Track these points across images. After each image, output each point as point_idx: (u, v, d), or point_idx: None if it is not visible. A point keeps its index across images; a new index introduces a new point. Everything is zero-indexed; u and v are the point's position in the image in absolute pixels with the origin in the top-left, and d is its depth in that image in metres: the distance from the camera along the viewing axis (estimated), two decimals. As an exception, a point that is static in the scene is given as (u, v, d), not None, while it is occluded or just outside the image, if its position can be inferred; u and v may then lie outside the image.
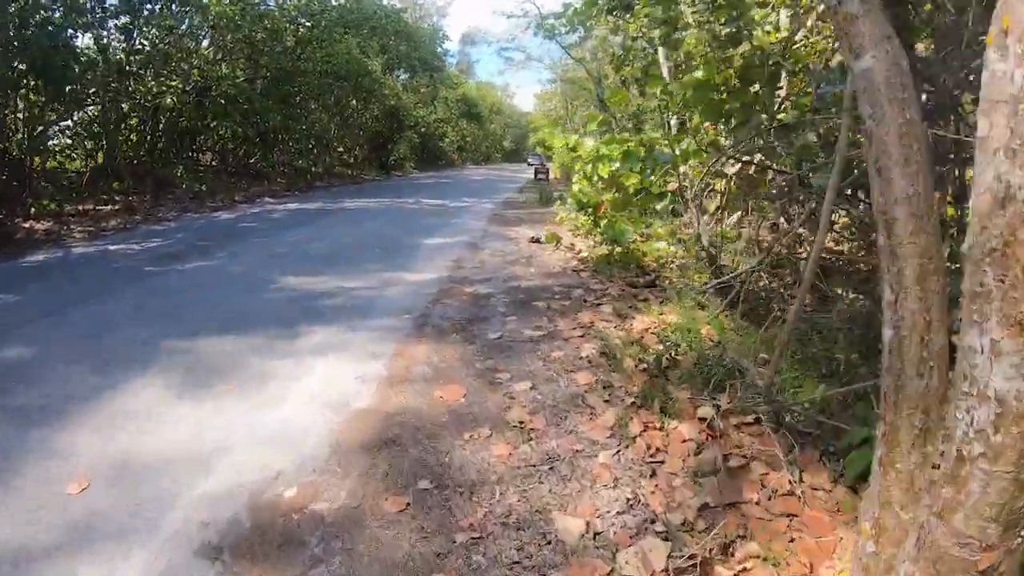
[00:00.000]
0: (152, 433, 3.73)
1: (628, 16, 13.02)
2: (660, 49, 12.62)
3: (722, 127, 7.95)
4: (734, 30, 6.41)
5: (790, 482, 3.54)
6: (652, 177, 8.72)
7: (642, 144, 8.57)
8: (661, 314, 6.32)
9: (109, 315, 6.05)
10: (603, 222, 9.14)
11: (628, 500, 3.25)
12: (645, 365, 4.85)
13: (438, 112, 42.40)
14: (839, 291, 6.80)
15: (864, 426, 3.81)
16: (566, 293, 7.35)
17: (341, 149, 30.46)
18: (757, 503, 3.34)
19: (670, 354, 4.92)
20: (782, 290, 7.64)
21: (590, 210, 9.53)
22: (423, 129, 38.16)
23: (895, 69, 2.19)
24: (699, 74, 6.45)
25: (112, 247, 9.77)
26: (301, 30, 23.06)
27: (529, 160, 58.28)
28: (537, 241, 10.61)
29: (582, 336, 5.74)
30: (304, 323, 5.86)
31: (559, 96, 33.04)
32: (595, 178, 11.49)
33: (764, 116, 5.52)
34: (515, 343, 5.49)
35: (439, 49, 36.35)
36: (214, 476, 3.29)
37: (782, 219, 7.66)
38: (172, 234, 11.09)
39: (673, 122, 12.55)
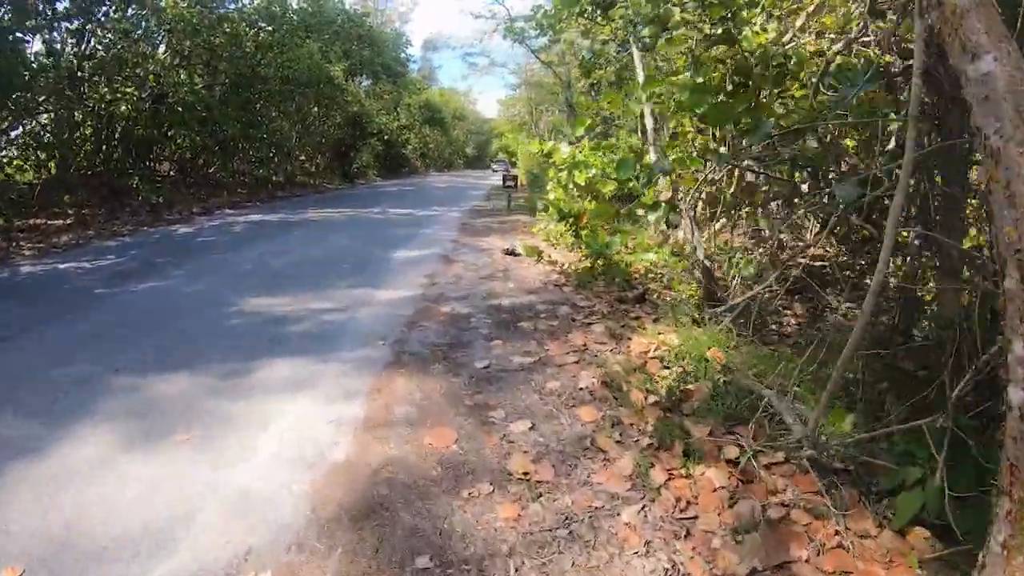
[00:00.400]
0: (99, 498, 3.16)
1: (601, 18, 12.61)
2: (636, 52, 12.22)
3: (713, 133, 7.56)
4: (725, 30, 6.00)
5: (837, 532, 3.15)
6: (643, 186, 8.25)
7: (632, 151, 8.07)
8: (659, 334, 5.85)
9: (52, 346, 5.42)
10: (585, 232, 8.65)
11: (666, 571, 2.76)
12: (656, 398, 4.36)
13: (401, 119, 41.73)
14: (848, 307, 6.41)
15: (914, 465, 3.46)
16: (552, 311, 6.87)
17: (303, 158, 29.69)
18: (807, 561, 2.94)
19: (681, 386, 4.44)
20: (784, 307, 7.25)
21: (571, 220, 9.03)
22: (386, 136, 37.45)
23: (1020, 74, 1.72)
24: (689, 76, 6.05)
25: (62, 265, 9.07)
26: (261, 35, 22.32)
27: (494, 167, 57.96)
28: (512, 254, 10.08)
29: (577, 362, 5.25)
30: (269, 354, 5.28)
31: (524, 101, 32.57)
32: (570, 186, 11.05)
33: (772, 121, 5.07)
34: (505, 373, 4.98)
35: (402, 55, 35.77)
36: (173, 558, 2.72)
37: (778, 230, 7.26)
38: (126, 250, 10.39)
39: (650, 125, 12.14)
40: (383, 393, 4.53)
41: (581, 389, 4.63)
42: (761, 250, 7.85)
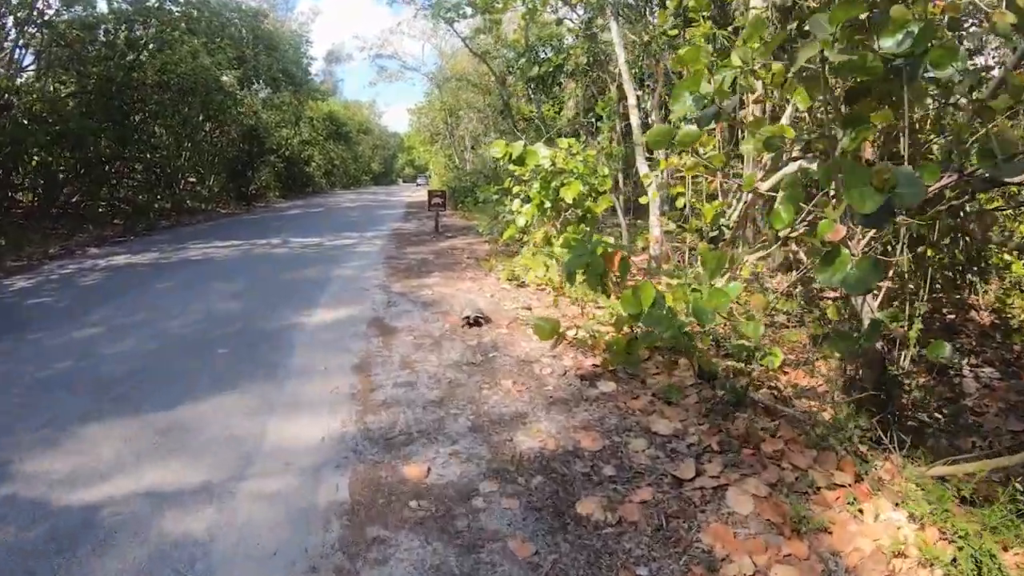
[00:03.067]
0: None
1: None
2: (614, 28, 8.98)
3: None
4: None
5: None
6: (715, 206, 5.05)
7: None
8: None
9: None
10: (625, 293, 5.25)
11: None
12: None
13: (303, 133, 37.61)
14: None
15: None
16: (630, 473, 3.52)
17: (193, 180, 25.28)
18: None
19: None
20: None
21: (593, 269, 5.58)
22: (287, 152, 33.32)
23: None
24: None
25: None
26: (135, 29, 18.16)
27: (419, 181, 54.24)
28: (476, 323, 6.56)
29: None
30: None
31: (438, 108, 28.99)
32: (546, 204, 7.71)
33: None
34: None
35: (303, 60, 31.67)
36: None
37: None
38: None
39: (635, 123, 8.91)
40: None
41: None
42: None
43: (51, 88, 17.22)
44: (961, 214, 4.99)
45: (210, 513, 3.13)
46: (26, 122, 14.82)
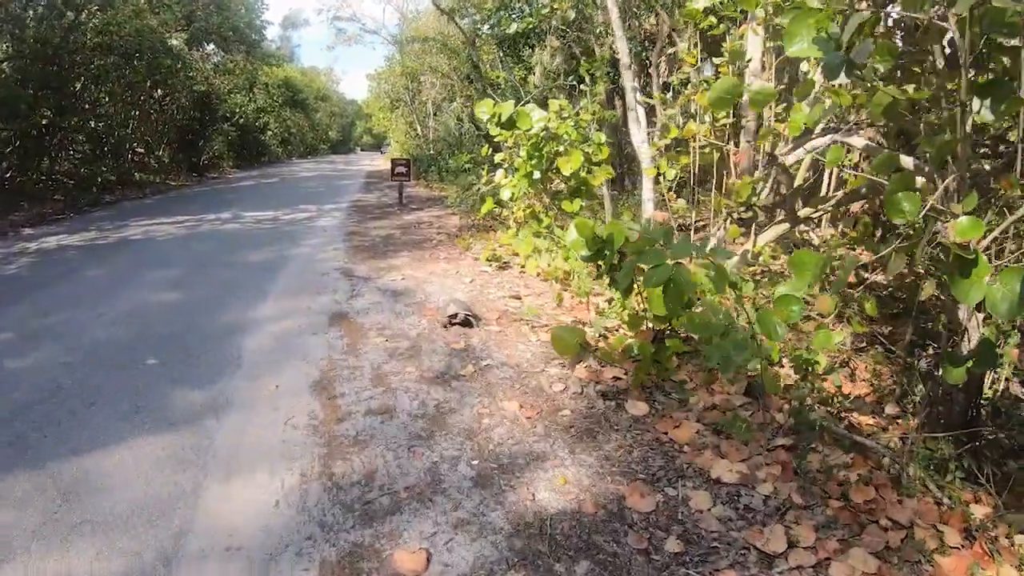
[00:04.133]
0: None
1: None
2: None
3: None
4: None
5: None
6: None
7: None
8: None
9: None
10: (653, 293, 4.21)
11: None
12: None
13: (258, 100, 35.78)
14: None
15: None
16: (694, 537, 2.68)
17: (141, 150, 23.55)
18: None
19: None
20: None
21: (608, 256, 4.49)
22: (241, 120, 31.52)
23: None
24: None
25: None
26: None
27: (382, 150, 52.38)
28: (465, 323, 5.38)
29: None
30: None
31: (399, 73, 27.55)
32: (535, 175, 6.67)
33: None
34: None
35: (257, 21, 29.82)
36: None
37: None
38: None
39: (628, 85, 7.89)
40: None
41: None
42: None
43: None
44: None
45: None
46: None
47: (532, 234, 7.17)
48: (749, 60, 6.60)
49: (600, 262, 4.31)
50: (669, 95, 8.54)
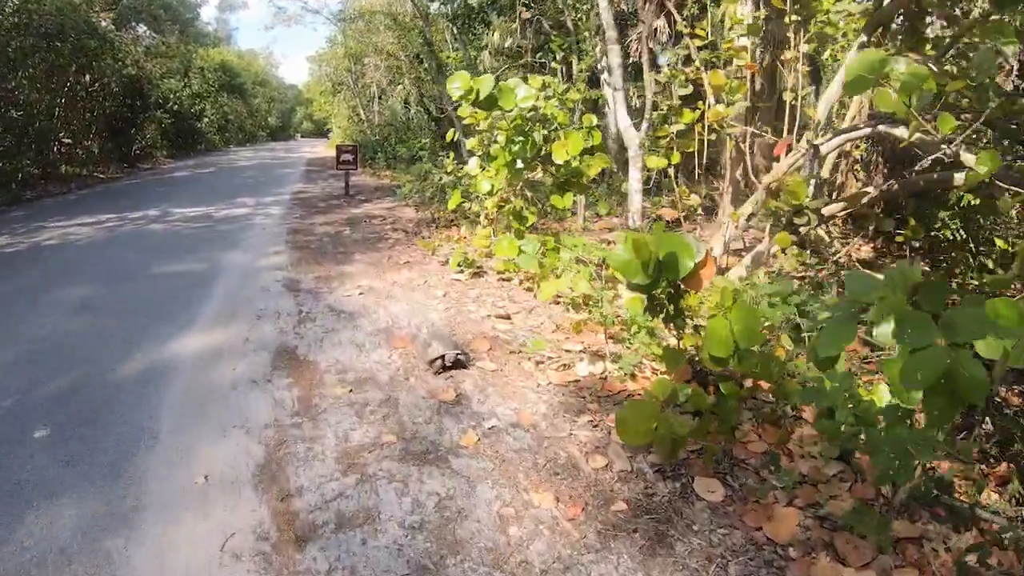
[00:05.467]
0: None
1: None
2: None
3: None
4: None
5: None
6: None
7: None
8: None
9: None
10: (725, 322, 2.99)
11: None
12: None
13: (193, 85, 33.55)
14: None
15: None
16: None
17: (68, 140, 21.43)
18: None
19: None
20: None
21: (663, 290, 3.24)
22: (175, 107, 29.39)
23: None
24: None
25: None
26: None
27: (329, 136, 50.07)
28: (453, 366, 4.00)
29: None
30: None
31: (342, 55, 25.86)
32: (518, 164, 5.46)
33: None
34: None
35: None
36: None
37: None
38: None
39: (615, 62, 6.72)
40: None
41: None
42: None
43: None
44: None
45: None
46: None
47: (515, 235, 5.93)
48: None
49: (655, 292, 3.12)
50: (665, 72, 7.35)
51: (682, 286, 3.27)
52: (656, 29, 8.79)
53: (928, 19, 5.65)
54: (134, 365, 4.18)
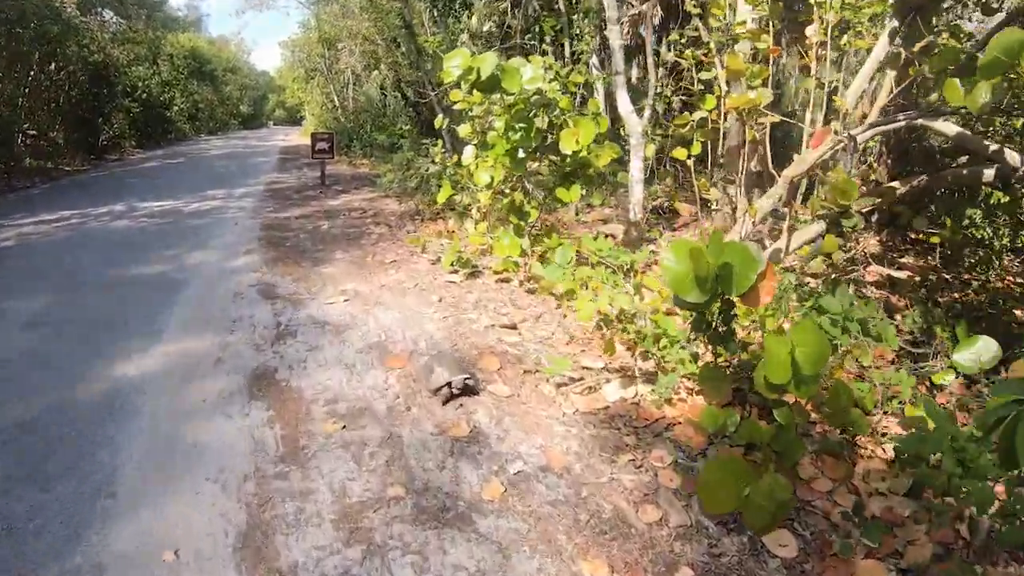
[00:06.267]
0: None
1: None
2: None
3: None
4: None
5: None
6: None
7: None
8: None
9: None
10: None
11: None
12: None
13: (162, 72, 32.42)
14: None
15: None
16: None
17: (34, 132, 20.38)
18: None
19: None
20: None
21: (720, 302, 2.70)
22: (144, 95, 28.30)
23: None
24: None
25: None
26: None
27: (303, 122, 48.82)
28: (464, 392, 3.36)
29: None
30: None
31: (316, 40, 25.00)
32: (520, 154, 4.90)
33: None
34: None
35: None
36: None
37: None
38: None
39: (616, 43, 6.13)
40: None
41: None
42: None
43: None
44: None
45: None
46: None
47: (514, 232, 5.35)
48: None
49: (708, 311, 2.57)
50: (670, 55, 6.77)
51: (737, 302, 2.74)
52: (656, 8, 8.21)
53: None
54: (89, 397, 3.56)
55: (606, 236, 8.00)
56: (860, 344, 3.36)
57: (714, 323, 2.79)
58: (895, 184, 5.06)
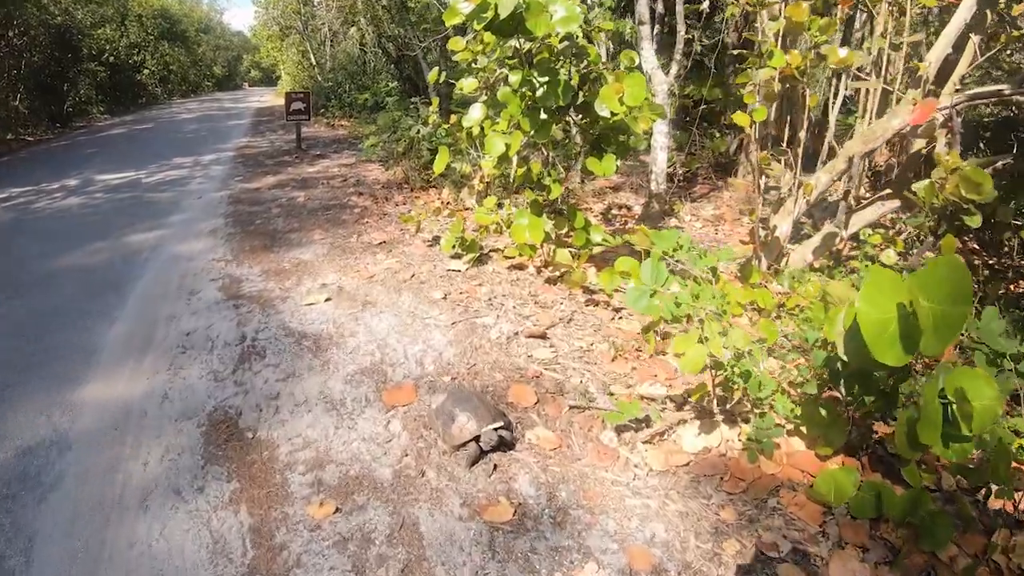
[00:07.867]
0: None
1: None
2: None
3: None
4: None
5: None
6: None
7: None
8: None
9: None
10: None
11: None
12: None
13: (131, 34, 30.77)
14: None
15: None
16: None
17: (-1, 100, 18.94)
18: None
19: None
20: None
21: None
22: (111, 58, 26.78)
23: None
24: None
25: None
26: None
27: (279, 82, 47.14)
28: (503, 445, 2.46)
29: None
30: None
31: (292, -3, 23.60)
32: (542, 116, 3.92)
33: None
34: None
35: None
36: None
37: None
38: None
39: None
40: None
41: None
42: None
43: None
44: None
45: None
46: None
47: (532, 209, 4.39)
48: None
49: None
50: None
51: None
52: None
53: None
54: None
55: (619, 208, 7.09)
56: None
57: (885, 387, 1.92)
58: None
